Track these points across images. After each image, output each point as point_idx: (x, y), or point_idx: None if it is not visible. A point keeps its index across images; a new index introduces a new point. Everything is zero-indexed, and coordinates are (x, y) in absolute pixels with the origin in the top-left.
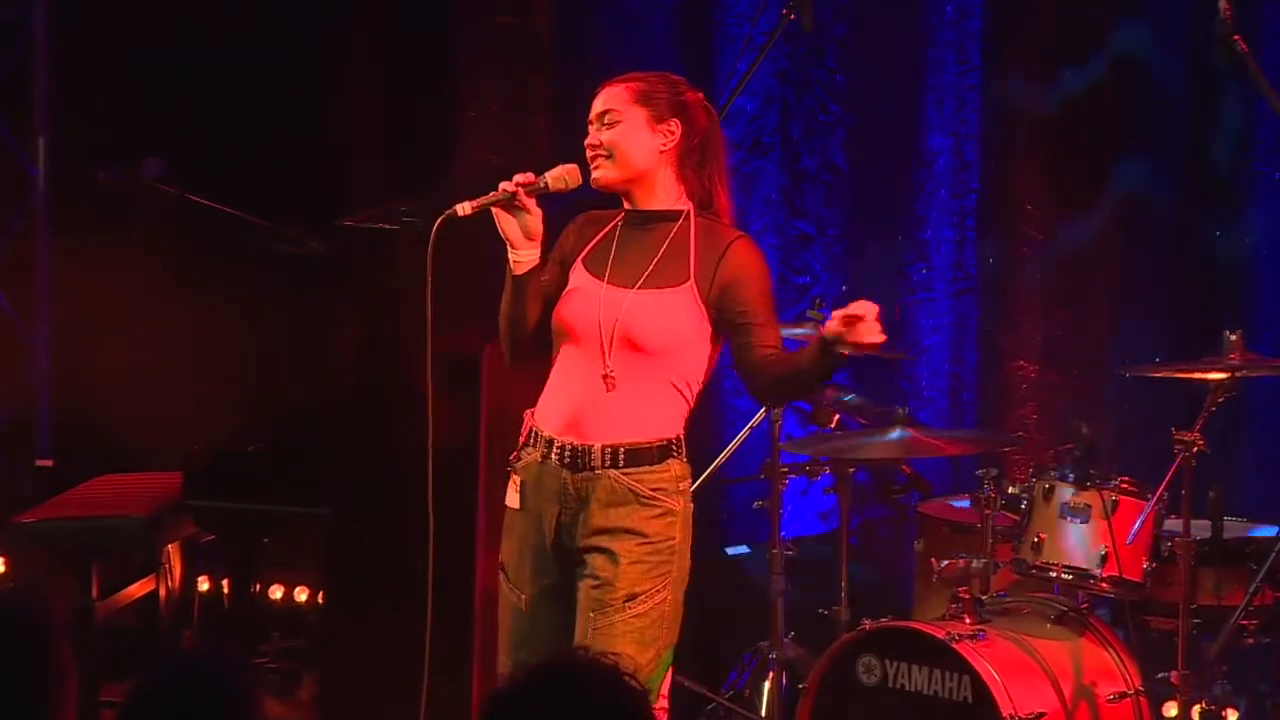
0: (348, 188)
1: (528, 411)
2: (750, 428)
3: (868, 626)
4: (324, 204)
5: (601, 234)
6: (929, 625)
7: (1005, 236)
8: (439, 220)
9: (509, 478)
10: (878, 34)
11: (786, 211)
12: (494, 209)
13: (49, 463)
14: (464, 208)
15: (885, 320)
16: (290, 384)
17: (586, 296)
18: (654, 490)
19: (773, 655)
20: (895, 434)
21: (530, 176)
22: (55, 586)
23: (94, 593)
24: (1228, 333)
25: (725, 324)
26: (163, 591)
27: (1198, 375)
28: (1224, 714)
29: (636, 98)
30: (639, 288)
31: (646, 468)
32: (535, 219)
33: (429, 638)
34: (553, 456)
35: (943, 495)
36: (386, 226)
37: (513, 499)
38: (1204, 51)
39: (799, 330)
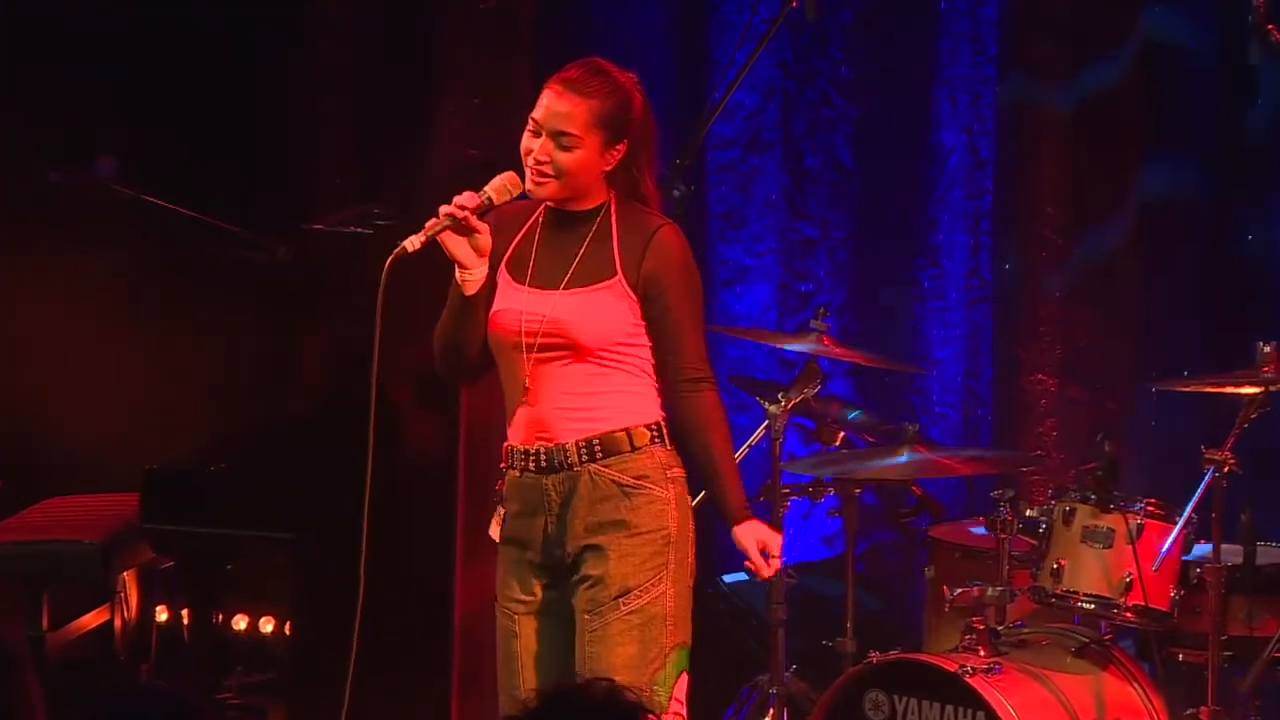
0: (317, 188)
1: (507, 430)
2: (749, 446)
3: (875, 660)
4: (292, 206)
5: (521, 234)
6: (941, 658)
7: (1023, 241)
8: (389, 260)
9: (495, 511)
10: (886, 22)
11: (788, 213)
12: (440, 235)
13: None
14: (412, 243)
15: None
16: (255, 399)
17: (511, 305)
18: (637, 479)
19: (773, 690)
20: (904, 453)
21: (474, 196)
22: (2, 617)
23: (44, 623)
24: (1262, 344)
25: (647, 320)
26: (118, 622)
27: (1229, 389)
28: None
29: (595, 120)
30: (564, 288)
31: (626, 455)
32: (484, 236)
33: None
34: (530, 466)
35: (955, 518)
36: (359, 230)
37: (494, 531)
38: (1237, 40)
39: (800, 345)
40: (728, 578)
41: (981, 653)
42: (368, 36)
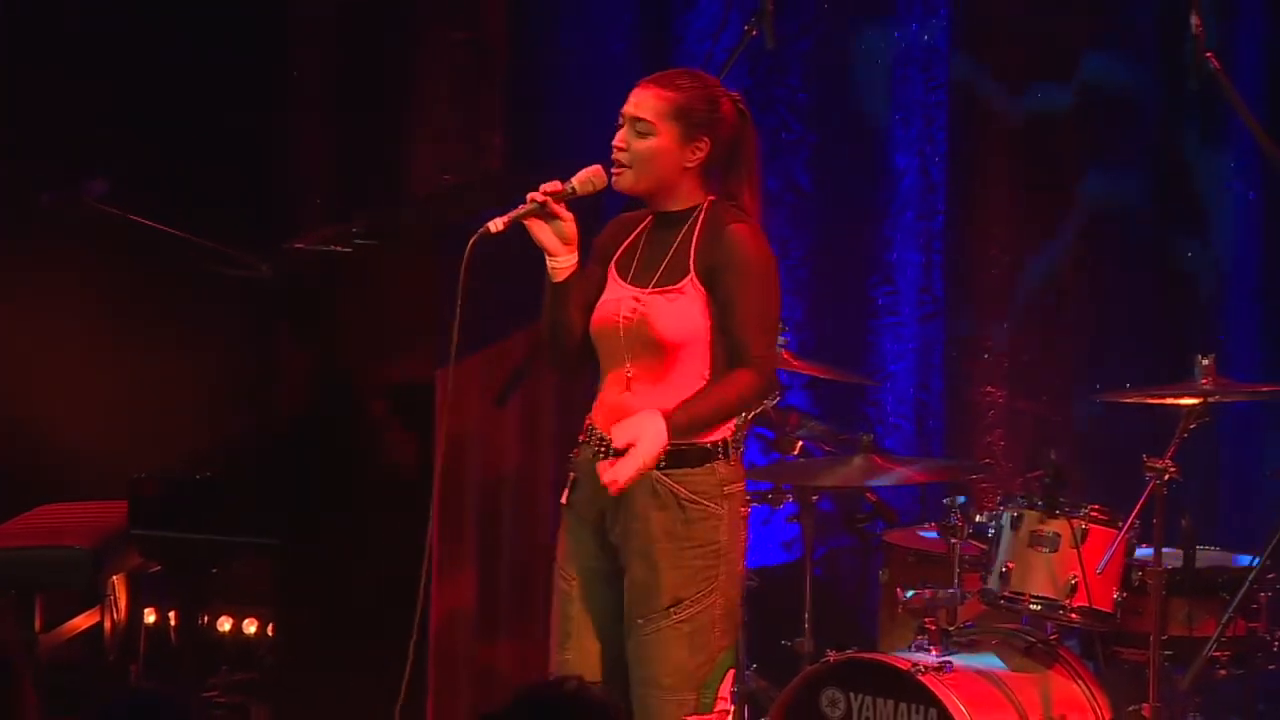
0: (297, 209)
1: (589, 413)
2: None
3: (832, 658)
4: (273, 226)
5: (631, 237)
6: (894, 657)
7: (973, 259)
8: (472, 239)
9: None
10: (842, 51)
11: None
12: (526, 220)
13: None
14: (496, 224)
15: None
16: (239, 410)
17: (612, 299)
18: (695, 494)
19: (734, 688)
20: (860, 461)
21: (558, 184)
22: (9, 624)
23: (36, 626)
24: (1200, 357)
25: (713, 309)
26: (107, 625)
27: (1169, 401)
28: None
29: (672, 111)
30: (651, 288)
31: (688, 469)
32: (569, 224)
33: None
34: (604, 451)
35: (908, 524)
36: (338, 249)
37: (565, 495)
38: (1176, 69)
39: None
40: None
41: (933, 652)
42: (347, 64)
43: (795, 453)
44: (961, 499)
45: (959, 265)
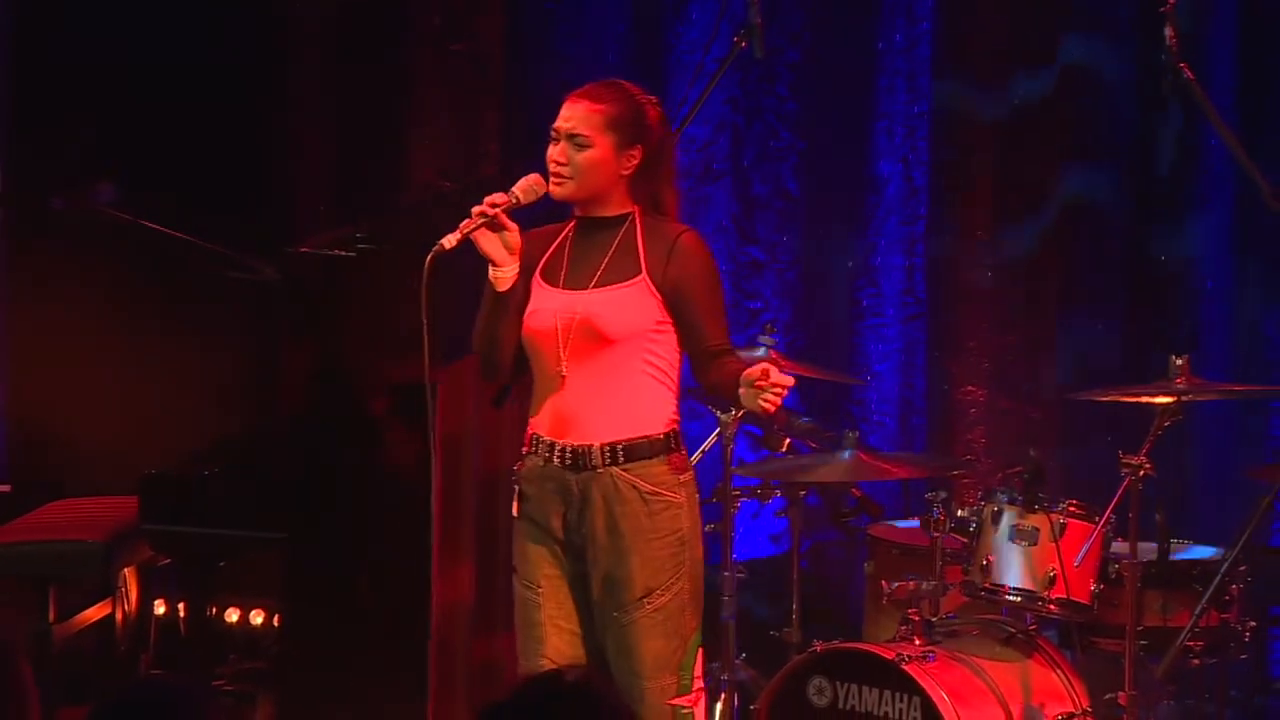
0: (301, 214)
1: (529, 424)
2: (702, 451)
3: (818, 648)
4: (278, 230)
5: (554, 246)
6: (879, 647)
7: (954, 263)
8: (430, 257)
9: (514, 489)
10: (829, 61)
11: (738, 238)
12: (474, 233)
13: (6, 488)
14: (450, 240)
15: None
16: (245, 409)
17: (545, 305)
18: (655, 486)
19: (724, 676)
20: (845, 458)
21: (503, 196)
22: (11, 612)
23: (51, 617)
24: (1174, 357)
25: (674, 314)
26: (119, 615)
27: (1145, 399)
28: None
29: (606, 122)
30: (593, 287)
31: (645, 462)
32: (513, 234)
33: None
34: (554, 459)
35: (892, 518)
36: (341, 253)
37: (515, 507)
38: (1153, 74)
39: (754, 353)
40: None
41: (916, 642)
42: (349, 75)
43: (783, 450)
44: (944, 494)
45: (941, 269)
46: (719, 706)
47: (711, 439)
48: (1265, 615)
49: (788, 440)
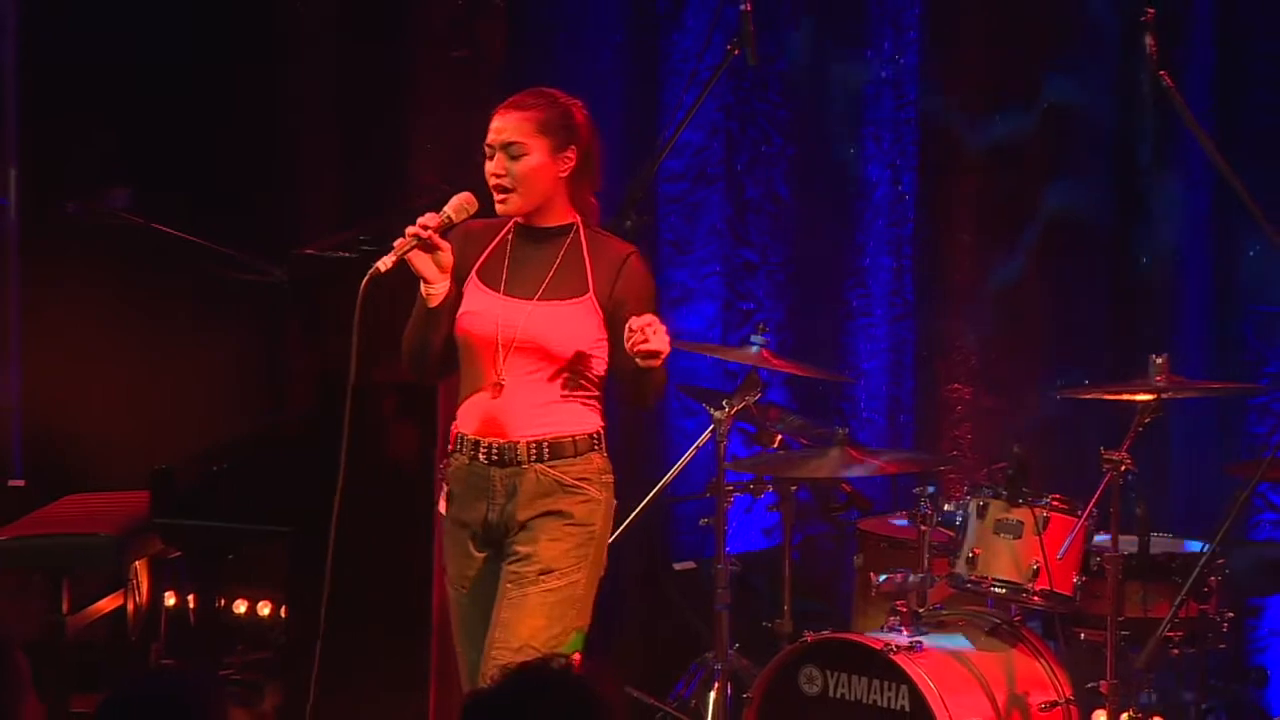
0: (306, 217)
1: (453, 424)
2: (696, 447)
3: (809, 638)
4: (284, 233)
5: (492, 246)
6: (868, 637)
7: (941, 265)
8: (364, 280)
9: (441, 486)
10: (819, 69)
11: (731, 240)
12: (409, 253)
13: (21, 483)
14: (384, 263)
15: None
16: (252, 406)
17: (485, 309)
18: (578, 480)
19: (718, 666)
20: (835, 454)
21: (435, 216)
22: (27, 602)
23: (64, 608)
24: (1154, 357)
25: (611, 330)
26: (131, 606)
27: (1126, 397)
28: None
29: (539, 128)
30: (538, 299)
31: (569, 459)
32: (446, 253)
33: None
34: (480, 456)
35: (881, 512)
36: (346, 255)
37: (442, 505)
38: (1129, 87)
39: (742, 357)
40: (678, 565)
41: (904, 632)
42: (351, 83)
43: (775, 446)
44: (931, 489)
45: (928, 270)
46: (713, 695)
47: (706, 435)
48: (1243, 606)
49: (779, 436)
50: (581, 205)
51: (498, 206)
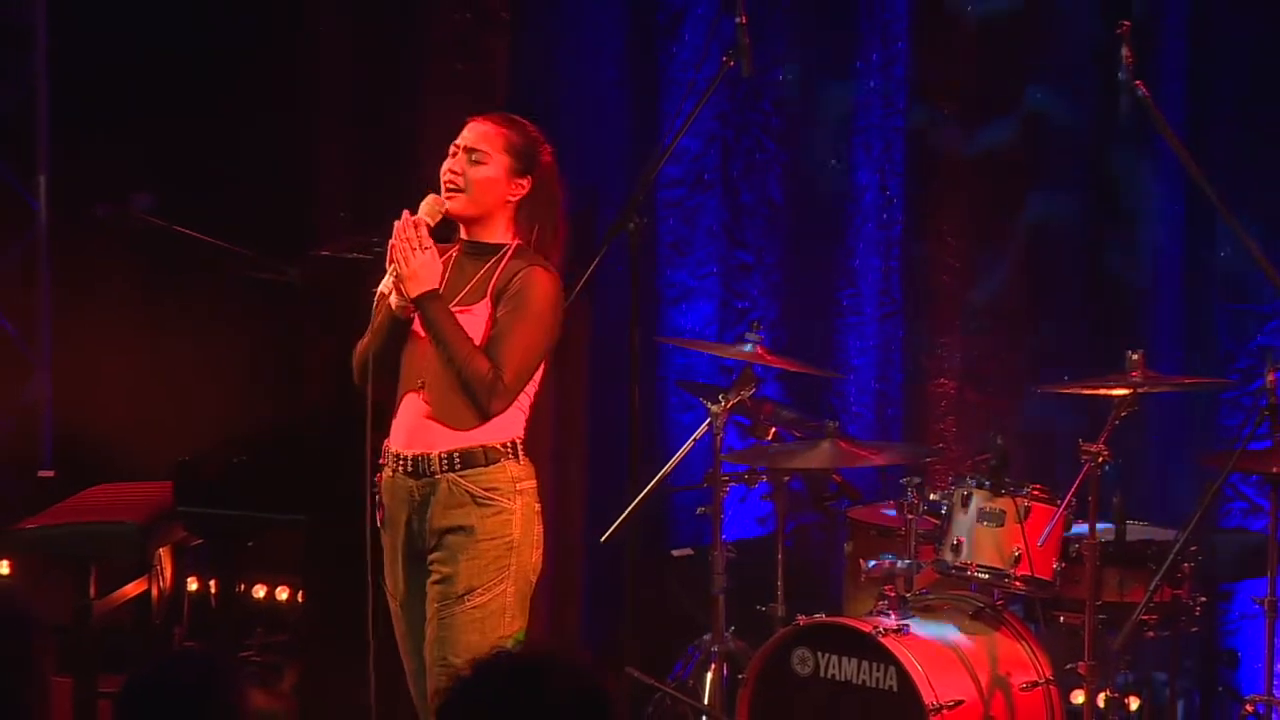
0: (322, 221)
1: (390, 432)
2: (694, 440)
3: (801, 622)
4: (301, 236)
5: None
6: (857, 620)
7: (927, 265)
8: (375, 303)
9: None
10: (810, 79)
11: (727, 242)
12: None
13: (50, 473)
14: (386, 285)
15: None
16: (270, 401)
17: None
18: (488, 491)
19: (715, 648)
20: (827, 446)
21: (422, 222)
22: (56, 588)
23: (91, 593)
24: (1130, 353)
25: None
26: (155, 592)
27: (1103, 391)
28: (1126, 701)
29: (506, 146)
30: (452, 307)
31: (481, 469)
32: (434, 255)
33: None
34: (399, 469)
35: (870, 502)
36: (359, 256)
37: (379, 517)
38: (1107, 97)
39: (738, 354)
40: (676, 552)
41: (892, 616)
42: (363, 94)
43: (769, 438)
44: (917, 480)
45: (915, 271)
46: (710, 676)
47: (703, 428)
48: (1215, 591)
49: (773, 429)
50: (527, 239)
51: (446, 203)
